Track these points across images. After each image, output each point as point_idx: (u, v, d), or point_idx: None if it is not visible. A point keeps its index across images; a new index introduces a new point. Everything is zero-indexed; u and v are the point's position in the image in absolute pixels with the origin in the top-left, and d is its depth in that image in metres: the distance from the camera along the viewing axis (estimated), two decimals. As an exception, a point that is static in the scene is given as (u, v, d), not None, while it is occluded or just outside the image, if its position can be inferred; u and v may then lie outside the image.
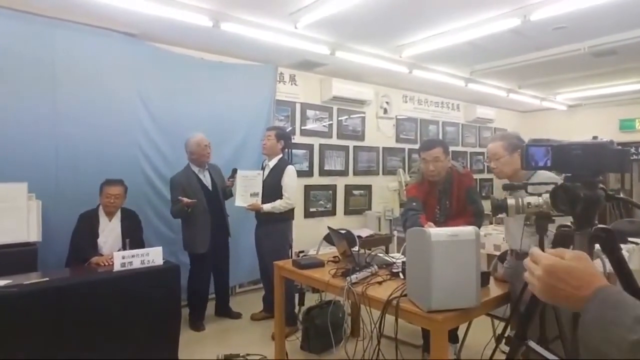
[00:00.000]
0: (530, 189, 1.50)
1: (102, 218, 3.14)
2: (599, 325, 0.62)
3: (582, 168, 0.78)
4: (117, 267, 2.68)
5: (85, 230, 3.07)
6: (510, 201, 1.51)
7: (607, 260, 3.30)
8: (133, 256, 2.75)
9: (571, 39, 4.01)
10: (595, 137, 0.83)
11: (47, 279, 2.52)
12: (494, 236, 4.12)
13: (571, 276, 0.67)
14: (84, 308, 2.49)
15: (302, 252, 4.57)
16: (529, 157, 0.79)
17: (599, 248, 0.84)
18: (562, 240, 0.80)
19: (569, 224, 0.80)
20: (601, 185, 0.78)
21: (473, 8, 3.31)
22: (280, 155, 3.56)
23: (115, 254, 2.75)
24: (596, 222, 0.79)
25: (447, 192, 2.76)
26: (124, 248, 3.00)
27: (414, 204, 2.70)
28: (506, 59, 4.73)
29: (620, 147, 0.79)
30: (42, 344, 2.33)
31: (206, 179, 3.60)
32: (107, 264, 2.86)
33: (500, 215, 2.14)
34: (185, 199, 3.29)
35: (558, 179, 1.73)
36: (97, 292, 2.58)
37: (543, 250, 0.72)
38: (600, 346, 0.62)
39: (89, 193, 3.18)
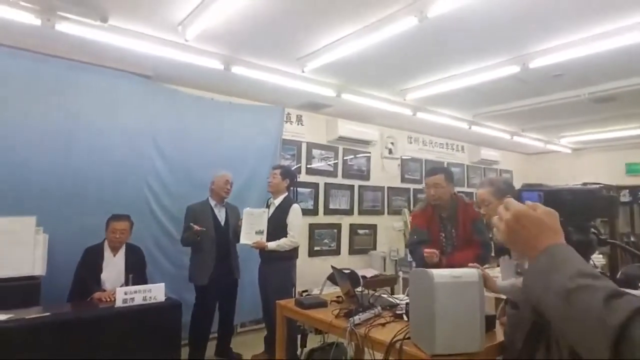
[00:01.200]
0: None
1: (107, 253, 3.16)
2: (543, 274, 0.66)
3: (573, 213, 0.80)
4: (119, 302, 2.67)
5: (90, 264, 3.09)
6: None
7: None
8: (135, 292, 2.74)
9: (570, 85, 4.13)
10: (585, 183, 0.86)
11: (48, 313, 2.51)
12: (502, 279, 4.04)
13: (535, 226, 0.72)
14: (84, 344, 2.47)
15: (306, 291, 4.50)
16: (522, 201, 0.82)
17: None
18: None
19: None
20: (593, 230, 0.80)
21: (474, 56, 3.45)
22: (286, 194, 3.60)
23: (118, 289, 2.75)
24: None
25: (452, 218, 2.87)
26: (126, 284, 2.99)
27: (415, 236, 2.85)
28: (508, 104, 4.85)
29: (609, 194, 0.82)
30: (39, 381, 2.29)
31: (220, 215, 3.66)
32: (109, 299, 2.85)
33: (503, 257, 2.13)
34: (196, 226, 3.36)
35: None
36: (97, 328, 2.56)
37: None
38: (540, 294, 0.66)
39: (95, 228, 3.21)
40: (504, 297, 3.16)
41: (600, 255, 4.19)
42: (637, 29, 2.80)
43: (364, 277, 3.85)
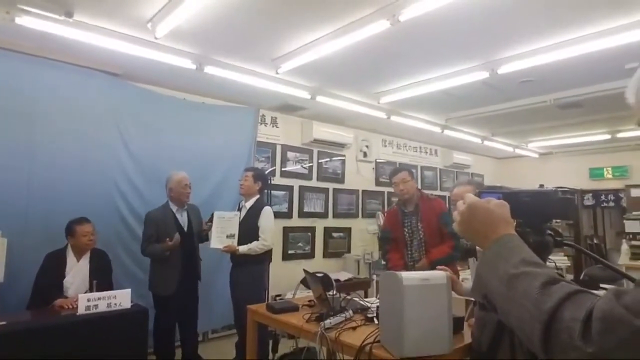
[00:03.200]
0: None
1: (70, 258, 3.02)
2: (491, 261, 0.70)
3: (530, 215, 0.82)
4: (81, 310, 2.57)
5: (51, 270, 2.94)
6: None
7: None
8: (99, 299, 2.64)
9: (537, 91, 4.26)
10: (541, 186, 0.87)
11: (4, 322, 2.38)
12: (471, 281, 4.12)
13: (486, 216, 0.76)
14: (44, 354, 2.34)
15: (279, 295, 4.46)
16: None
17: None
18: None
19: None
20: (549, 232, 0.81)
21: (445, 60, 3.51)
22: (258, 196, 3.54)
23: (80, 296, 2.64)
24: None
25: (416, 212, 3.17)
26: (91, 289, 2.88)
27: (381, 235, 3.34)
28: (479, 108, 4.97)
29: (564, 196, 0.84)
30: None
31: (183, 219, 3.52)
32: (71, 306, 2.73)
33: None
34: (169, 243, 3.16)
35: None
36: (59, 337, 2.45)
37: None
38: (488, 279, 0.69)
39: (59, 232, 3.06)
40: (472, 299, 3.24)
41: (566, 257, 4.34)
42: (601, 37, 2.92)
43: (337, 280, 3.85)
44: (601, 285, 3.62)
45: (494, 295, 0.68)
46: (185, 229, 3.50)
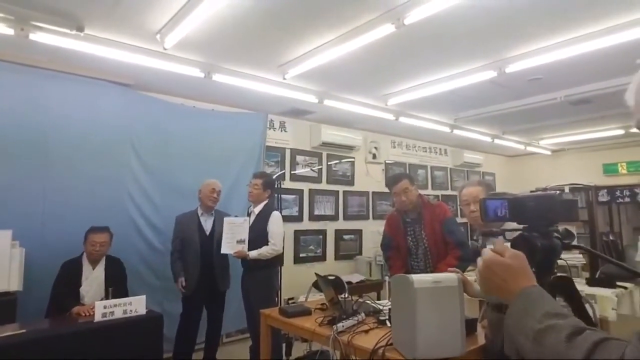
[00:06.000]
0: (508, 235, 1.53)
1: (86, 266, 3.09)
2: (516, 317, 0.71)
3: (536, 219, 0.82)
4: (98, 317, 2.61)
5: (67, 278, 3.01)
6: (490, 247, 1.53)
7: (596, 306, 3.24)
8: (115, 305, 2.69)
9: (547, 89, 4.22)
10: (545, 189, 0.87)
11: (24, 330, 2.44)
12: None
13: (504, 271, 0.76)
14: (62, 361, 2.39)
15: (292, 299, 4.47)
16: (487, 209, 0.84)
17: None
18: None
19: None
20: (556, 235, 0.82)
21: (451, 61, 3.50)
22: (266, 202, 3.57)
23: (97, 303, 2.69)
24: (555, 270, 0.82)
25: (418, 220, 2.96)
26: (106, 297, 2.93)
27: (384, 240, 3.15)
28: (488, 107, 4.93)
29: (568, 198, 0.84)
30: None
31: (207, 224, 3.62)
32: (88, 314, 2.78)
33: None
34: (180, 284, 3.44)
35: None
36: (77, 344, 2.50)
37: None
38: (515, 335, 0.70)
39: (75, 240, 3.13)
40: (486, 299, 3.20)
41: (581, 255, 4.27)
42: (610, 33, 2.88)
43: (349, 282, 3.86)
44: (618, 284, 3.57)
45: (524, 351, 0.69)
46: (208, 233, 3.59)
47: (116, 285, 3.06)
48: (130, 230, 3.70)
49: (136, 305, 2.76)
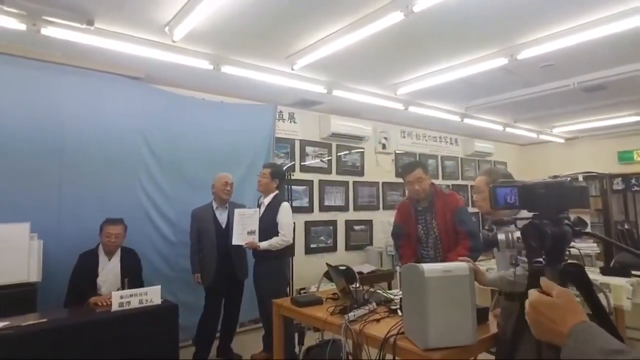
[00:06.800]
0: (519, 223, 1.52)
1: (102, 257, 3.15)
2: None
3: (546, 206, 0.81)
4: (115, 307, 2.68)
5: (85, 269, 3.08)
6: (501, 236, 1.52)
7: (611, 295, 3.21)
8: (131, 295, 2.74)
9: (560, 75, 4.14)
10: (556, 177, 0.87)
11: (45, 320, 2.51)
12: (497, 271, 4.07)
13: (551, 311, 0.73)
14: (82, 349, 2.47)
15: (303, 289, 4.52)
16: (497, 197, 0.83)
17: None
18: (535, 275, 0.83)
19: (541, 259, 0.83)
20: (567, 222, 0.81)
21: (461, 49, 3.46)
22: (276, 192, 3.59)
23: (114, 293, 2.75)
24: (566, 257, 0.82)
25: (430, 209, 2.96)
26: (122, 287, 3.00)
27: (394, 230, 3.15)
28: (499, 95, 4.86)
29: (579, 184, 0.83)
30: (37, 388, 2.29)
31: (222, 217, 3.67)
32: (105, 303, 2.85)
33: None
34: (196, 279, 3.58)
35: None
36: (95, 333, 2.56)
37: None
38: None
39: (90, 232, 3.20)
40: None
41: (595, 244, 4.22)
42: (623, 17, 2.81)
43: (360, 273, 3.88)
44: (633, 272, 3.52)
45: None
46: (224, 226, 3.64)
47: (132, 275, 3.13)
48: (144, 222, 3.75)
49: (152, 295, 2.81)
